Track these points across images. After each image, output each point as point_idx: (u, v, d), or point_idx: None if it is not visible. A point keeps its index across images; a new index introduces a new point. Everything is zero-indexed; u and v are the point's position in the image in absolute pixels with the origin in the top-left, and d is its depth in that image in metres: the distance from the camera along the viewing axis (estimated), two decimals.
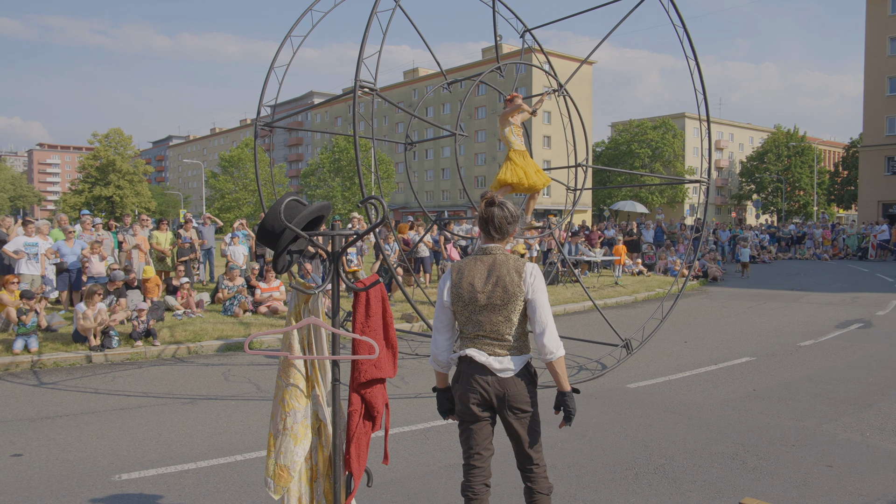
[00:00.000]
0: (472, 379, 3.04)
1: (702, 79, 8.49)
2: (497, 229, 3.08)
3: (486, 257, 3.09)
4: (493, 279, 3.02)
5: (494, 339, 3.04)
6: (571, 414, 3.08)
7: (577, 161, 9.80)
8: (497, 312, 3.02)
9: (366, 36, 6.21)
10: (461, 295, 3.06)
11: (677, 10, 8.20)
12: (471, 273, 3.07)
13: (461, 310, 3.09)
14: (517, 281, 3.01)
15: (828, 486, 4.47)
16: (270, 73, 8.31)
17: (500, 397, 3.03)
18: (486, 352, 3.04)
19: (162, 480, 4.69)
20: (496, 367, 3.02)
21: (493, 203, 3.09)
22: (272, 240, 2.62)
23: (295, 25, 8.19)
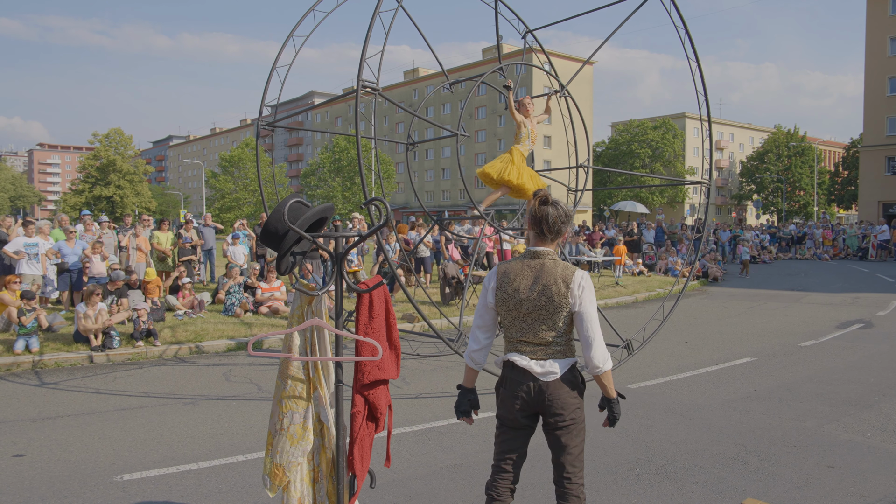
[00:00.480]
0: (514, 384, 2.97)
1: (703, 80, 8.49)
2: (551, 229, 2.98)
3: (535, 262, 2.99)
4: (538, 286, 2.93)
5: (537, 343, 2.97)
6: (616, 417, 3.05)
7: (577, 162, 9.79)
8: (541, 321, 2.94)
9: (368, 36, 6.21)
10: (505, 299, 3.00)
11: (679, 12, 8.20)
12: (517, 277, 2.99)
13: (505, 313, 3.03)
14: (564, 292, 2.91)
15: (829, 487, 4.47)
16: (273, 72, 8.31)
17: (541, 403, 2.94)
18: (528, 356, 2.97)
19: (164, 481, 4.69)
20: (538, 371, 2.94)
21: (546, 202, 3.00)
22: (276, 241, 2.63)
23: (297, 25, 8.19)
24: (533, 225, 3.02)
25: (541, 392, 2.92)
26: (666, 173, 71.18)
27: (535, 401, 2.94)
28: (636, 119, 75.72)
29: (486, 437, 5.59)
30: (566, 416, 2.93)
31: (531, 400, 2.94)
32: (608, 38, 8.95)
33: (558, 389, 2.92)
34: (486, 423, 5.98)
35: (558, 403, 2.91)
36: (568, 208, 3.05)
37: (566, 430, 2.94)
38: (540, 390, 2.92)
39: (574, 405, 2.96)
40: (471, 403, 3.18)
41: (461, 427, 5.87)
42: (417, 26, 7.77)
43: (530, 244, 3.07)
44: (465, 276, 11.73)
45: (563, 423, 2.93)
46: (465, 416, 3.20)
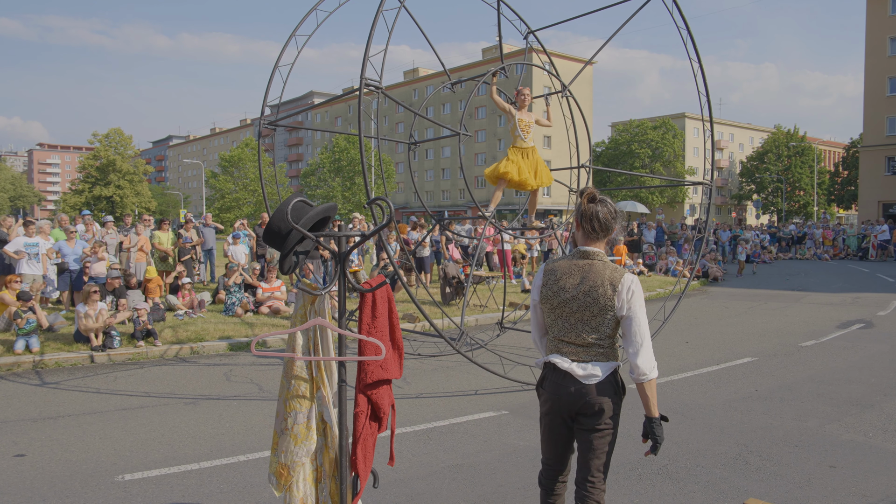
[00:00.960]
0: (555, 385, 2.96)
1: (705, 81, 8.48)
2: (602, 226, 2.93)
3: (583, 262, 2.95)
4: (584, 287, 2.89)
5: (579, 344, 2.93)
6: (659, 442, 2.92)
7: (579, 162, 9.79)
8: (584, 322, 2.90)
9: (371, 34, 6.20)
10: (550, 297, 2.97)
11: (681, 12, 8.20)
12: (563, 276, 2.95)
13: (549, 311, 3.00)
14: (610, 294, 2.85)
15: (831, 487, 4.47)
16: (275, 72, 8.31)
17: (579, 405, 2.91)
18: (570, 357, 2.94)
19: (165, 481, 4.69)
20: (579, 373, 2.90)
21: (594, 199, 2.95)
22: (279, 241, 2.62)
23: (300, 25, 8.18)
24: (582, 223, 2.97)
25: (581, 394, 2.89)
26: (666, 173, 71.18)
27: (575, 402, 2.91)
28: (636, 119, 75.71)
29: (486, 437, 5.59)
30: (603, 419, 2.89)
31: (571, 401, 2.91)
32: (610, 39, 8.94)
33: (599, 393, 2.88)
34: (487, 424, 5.98)
35: (597, 407, 2.88)
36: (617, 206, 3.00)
37: (600, 434, 2.91)
38: (580, 392, 2.89)
39: (612, 410, 2.92)
40: None
41: (462, 427, 5.87)
42: (419, 26, 7.77)
43: (579, 243, 3.03)
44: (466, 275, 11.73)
45: (598, 426, 2.89)
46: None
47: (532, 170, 8.04)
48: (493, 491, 4.47)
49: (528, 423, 5.97)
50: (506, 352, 9.08)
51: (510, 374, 7.44)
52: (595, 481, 2.92)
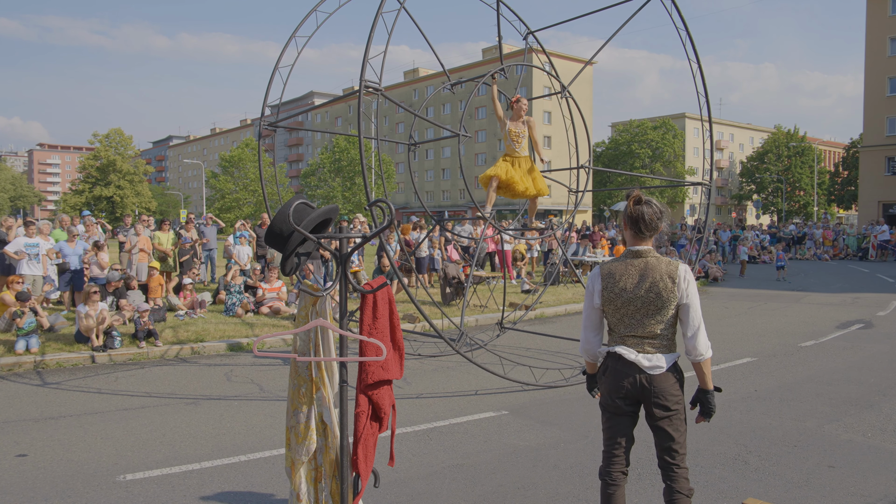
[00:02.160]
0: (620, 375, 3.12)
1: (704, 82, 8.50)
2: (648, 226, 3.12)
3: (637, 260, 3.14)
4: (646, 283, 3.09)
5: (644, 337, 3.11)
6: (711, 411, 3.17)
7: (579, 163, 9.80)
8: (650, 316, 3.10)
9: (371, 36, 6.21)
10: (612, 298, 3.14)
11: (680, 13, 8.21)
12: (622, 277, 3.13)
13: (613, 311, 3.18)
14: (671, 287, 3.07)
15: (830, 487, 4.49)
16: (275, 73, 8.32)
17: (647, 394, 3.08)
18: (636, 350, 3.11)
19: (166, 481, 4.71)
20: (646, 364, 3.08)
21: (640, 201, 3.14)
22: (281, 242, 2.64)
23: (300, 25, 8.19)
24: (630, 225, 3.17)
25: (647, 384, 3.08)
26: (666, 173, 71.18)
27: (640, 392, 3.09)
28: (636, 119, 75.72)
29: (486, 437, 5.60)
30: (671, 407, 3.09)
31: (635, 391, 3.09)
32: (609, 40, 8.96)
33: (664, 382, 3.08)
34: (487, 424, 6.00)
35: (664, 395, 3.07)
36: (662, 204, 3.19)
37: (670, 421, 3.10)
38: (646, 383, 3.08)
39: (678, 397, 3.12)
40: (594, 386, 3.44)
41: (462, 427, 5.89)
42: (420, 28, 7.78)
43: (629, 244, 3.21)
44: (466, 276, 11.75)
45: (667, 414, 3.09)
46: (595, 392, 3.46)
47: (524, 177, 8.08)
48: (493, 491, 4.48)
49: (528, 424, 5.98)
50: (506, 352, 9.09)
51: (510, 374, 7.46)
52: (680, 462, 3.15)
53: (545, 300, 13.65)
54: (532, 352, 9.27)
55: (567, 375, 7.72)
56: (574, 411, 6.37)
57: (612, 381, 3.16)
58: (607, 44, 8.93)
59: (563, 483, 4.60)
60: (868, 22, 42.93)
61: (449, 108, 73.78)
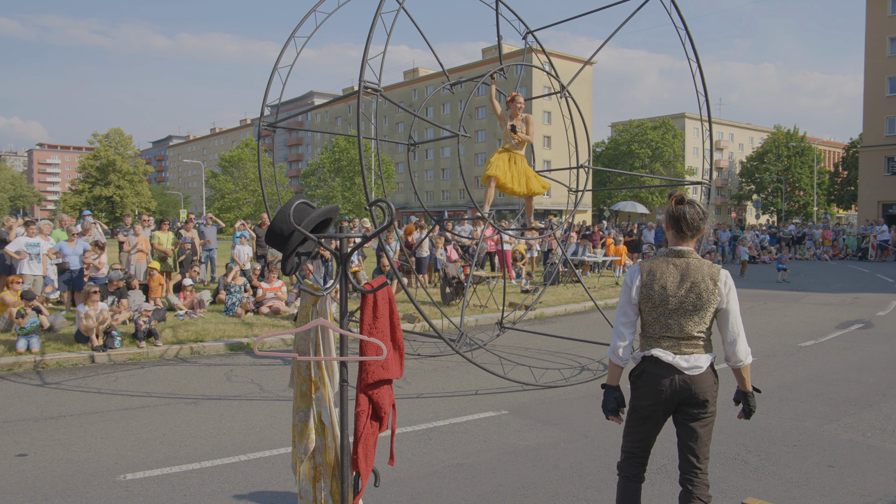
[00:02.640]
0: (658, 378, 3.08)
1: (703, 81, 8.50)
2: (690, 226, 3.11)
3: (679, 260, 3.12)
4: (687, 284, 3.06)
5: (680, 338, 3.08)
6: (752, 410, 3.23)
7: (578, 163, 9.81)
8: (687, 317, 3.07)
9: (370, 37, 6.21)
10: (651, 296, 3.11)
11: (679, 13, 8.22)
12: (663, 275, 3.10)
13: (649, 310, 3.13)
14: (712, 289, 3.05)
15: (829, 487, 4.49)
16: (274, 73, 8.32)
17: (684, 395, 3.07)
18: (673, 351, 3.08)
19: (166, 480, 4.71)
20: (683, 365, 3.06)
21: (682, 201, 3.14)
22: (281, 242, 2.64)
23: (299, 26, 8.20)
24: (671, 224, 3.16)
25: (685, 385, 3.05)
26: (666, 173, 71.19)
27: (679, 393, 3.07)
28: (636, 119, 75.74)
29: (486, 437, 5.61)
30: (708, 408, 3.09)
31: (674, 393, 3.07)
32: (608, 40, 8.97)
33: (702, 383, 3.06)
34: (487, 423, 6.01)
35: (702, 396, 3.06)
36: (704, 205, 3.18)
37: (703, 422, 3.10)
38: (684, 384, 3.05)
39: (713, 399, 3.11)
40: (617, 401, 3.26)
41: (462, 427, 5.90)
42: (419, 28, 7.79)
43: (671, 244, 3.20)
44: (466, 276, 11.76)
45: (703, 414, 3.08)
46: (612, 414, 3.27)
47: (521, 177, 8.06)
48: (493, 490, 4.49)
49: (528, 423, 5.99)
50: (505, 352, 9.10)
51: (510, 374, 7.46)
52: (702, 467, 3.12)
53: (545, 300, 13.66)
54: (532, 352, 9.27)
55: (567, 375, 7.72)
56: (574, 411, 6.37)
57: (649, 385, 3.11)
58: (606, 44, 8.94)
59: (563, 483, 4.60)
60: (868, 22, 42.95)
61: (449, 108, 73.79)
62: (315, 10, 8.28)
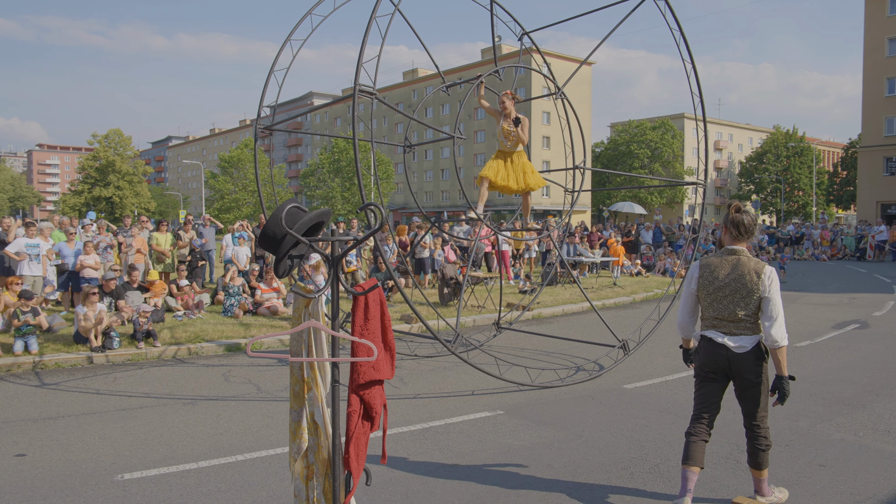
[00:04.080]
0: (711, 353, 3.91)
1: (699, 83, 8.54)
2: (746, 231, 3.86)
3: (731, 257, 3.88)
4: (735, 275, 3.82)
5: (731, 320, 3.84)
6: (786, 395, 3.82)
7: (574, 163, 9.85)
8: (735, 303, 3.81)
9: (365, 40, 6.25)
10: (706, 285, 3.90)
11: (674, 14, 8.26)
12: (717, 268, 3.88)
13: (706, 296, 3.93)
14: (756, 280, 3.78)
15: (819, 486, 4.53)
16: (270, 76, 8.36)
17: (732, 368, 3.86)
18: (723, 332, 3.87)
19: (164, 480, 4.75)
20: (731, 345, 3.83)
21: (740, 210, 3.86)
22: (274, 245, 2.69)
23: (295, 29, 8.22)
24: (729, 228, 3.90)
25: (733, 361, 3.83)
26: (665, 174, 71.24)
27: (728, 367, 3.87)
28: (635, 119, 75.79)
29: (482, 437, 5.65)
30: (753, 378, 3.85)
31: (724, 366, 3.88)
32: (603, 41, 9.01)
33: (747, 359, 3.82)
34: (483, 424, 6.05)
35: (747, 369, 3.82)
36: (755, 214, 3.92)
37: (753, 389, 3.87)
38: (732, 359, 3.83)
39: (760, 370, 3.85)
40: (689, 358, 4.26)
41: (458, 427, 5.94)
42: (414, 30, 7.83)
43: (726, 244, 3.95)
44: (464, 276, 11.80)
45: (750, 384, 3.86)
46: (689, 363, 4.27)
47: (517, 174, 8.05)
48: (488, 490, 4.53)
49: (523, 423, 6.03)
50: (502, 352, 9.14)
51: (506, 374, 7.51)
52: (760, 423, 3.92)
53: (543, 300, 13.70)
54: (528, 352, 9.32)
55: (563, 376, 7.77)
56: (569, 411, 6.42)
57: (704, 358, 3.96)
58: (602, 44, 8.98)
59: (557, 482, 4.64)
60: (866, 22, 43.02)
61: (448, 108, 73.82)
62: (311, 12, 8.32)
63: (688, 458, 3.94)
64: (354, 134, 6.14)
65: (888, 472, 4.75)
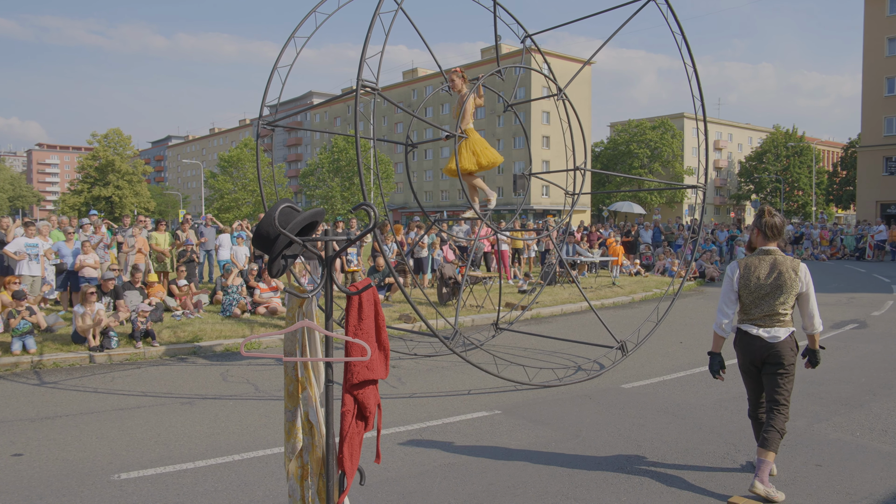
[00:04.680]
0: (748, 344, 4.36)
1: (700, 86, 8.52)
2: (776, 232, 4.32)
3: (768, 256, 4.31)
4: (774, 273, 4.26)
5: (768, 315, 4.27)
6: (817, 361, 4.51)
7: (575, 164, 9.85)
8: (774, 298, 4.25)
9: (368, 36, 6.22)
10: (747, 284, 4.31)
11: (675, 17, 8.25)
12: (757, 268, 4.30)
13: (747, 294, 4.33)
14: (794, 277, 4.24)
15: (816, 486, 4.54)
16: (273, 73, 8.34)
17: (765, 357, 4.30)
18: (758, 325, 4.31)
19: (160, 480, 4.75)
20: (765, 336, 4.29)
21: (772, 213, 4.34)
22: (268, 245, 2.69)
23: (299, 26, 8.19)
24: (763, 230, 4.35)
25: (766, 350, 4.28)
26: (665, 173, 71.25)
27: (762, 355, 4.32)
28: (635, 119, 75.77)
29: (478, 437, 5.65)
30: (784, 365, 4.28)
31: (759, 355, 4.33)
32: (606, 42, 8.99)
33: (780, 348, 4.26)
34: (480, 423, 6.05)
35: (779, 357, 4.27)
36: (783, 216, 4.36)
37: (781, 376, 4.31)
38: (766, 348, 4.28)
39: (790, 359, 4.29)
40: (719, 364, 4.57)
41: (455, 426, 5.94)
42: (417, 28, 7.81)
43: (758, 245, 4.39)
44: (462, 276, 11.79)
45: (781, 370, 4.30)
46: (716, 374, 4.57)
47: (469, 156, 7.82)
48: (484, 490, 4.53)
49: (521, 423, 6.03)
50: (501, 352, 9.14)
51: (504, 373, 7.51)
52: (781, 407, 4.31)
53: (541, 300, 13.70)
54: (527, 352, 9.32)
55: (560, 375, 7.77)
56: (566, 411, 6.42)
57: (743, 348, 4.41)
58: (604, 46, 8.96)
59: (553, 482, 4.65)
60: (866, 22, 43.01)
61: (448, 108, 73.76)
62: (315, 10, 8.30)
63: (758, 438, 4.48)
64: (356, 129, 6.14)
65: (884, 472, 4.76)
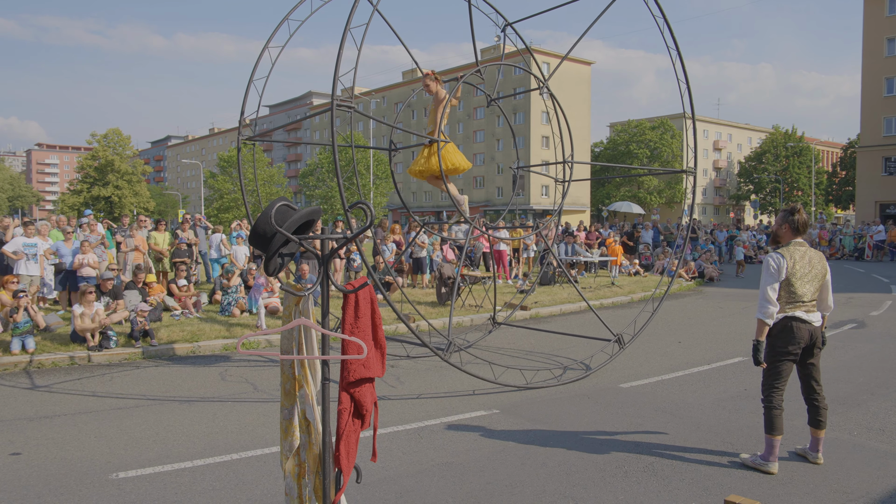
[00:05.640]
0: (799, 329, 4.72)
1: (684, 69, 8.47)
2: (804, 227, 4.79)
3: (802, 248, 4.78)
4: (815, 262, 4.76)
5: (808, 301, 4.74)
6: (825, 342, 4.90)
7: (564, 158, 9.87)
8: (815, 285, 4.75)
9: (340, 53, 6.04)
10: (796, 272, 4.71)
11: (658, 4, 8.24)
12: (801, 258, 4.74)
13: (796, 281, 4.70)
14: (825, 265, 4.81)
15: (813, 484, 4.54)
16: (250, 85, 8.22)
17: (812, 339, 4.77)
18: (805, 310, 4.74)
19: (159, 479, 4.76)
20: (813, 319, 4.76)
21: (801, 211, 4.81)
22: (264, 243, 2.70)
23: (272, 37, 8.01)
24: (791, 227, 4.81)
25: (813, 333, 4.76)
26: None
27: (810, 337, 4.75)
28: (634, 119, 75.81)
29: (476, 436, 5.66)
30: (821, 346, 4.84)
31: (807, 338, 4.74)
32: (584, 34, 8.97)
33: (818, 331, 4.80)
34: (478, 422, 6.06)
35: (821, 339, 4.83)
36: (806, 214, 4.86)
37: (817, 356, 4.87)
38: (813, 332, 4.76)
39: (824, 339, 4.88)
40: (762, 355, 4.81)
41: (454, 426, 5.95)
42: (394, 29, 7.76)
43: (786, 239, 4.85)
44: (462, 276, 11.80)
45: (817, 351, 4.84)
46: (762, 362, 4.81)
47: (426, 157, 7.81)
48: (481, 488, 4.54)
49: (519, 422, 6.04)
50: (499, 351, 9.15)
51: (501, 377, 7.52)
52: (819, 389, 4.89)
53: (540, 300, 13.71)
54: (525, 351, 9.32)
55: (558, 374, 7.77)
56: (565, 410, 6.43)
57: (794, 335, 4.72)
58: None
59: (551, 481, 4.65)
60: (865, 22, 43.01)
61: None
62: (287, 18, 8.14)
63: (774, 429, 4.72)
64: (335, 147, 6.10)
65: (881, 471, 4.77)
